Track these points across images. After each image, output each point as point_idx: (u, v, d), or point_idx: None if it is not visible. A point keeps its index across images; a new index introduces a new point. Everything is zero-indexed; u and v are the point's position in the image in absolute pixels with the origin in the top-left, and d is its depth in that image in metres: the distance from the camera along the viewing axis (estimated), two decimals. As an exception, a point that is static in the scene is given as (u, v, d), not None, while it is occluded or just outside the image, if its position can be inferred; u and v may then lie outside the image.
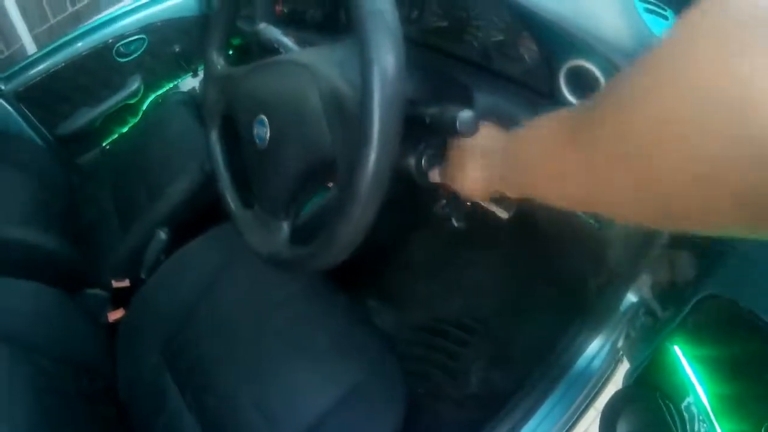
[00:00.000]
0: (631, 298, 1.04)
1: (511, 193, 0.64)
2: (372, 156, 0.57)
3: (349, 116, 0.65)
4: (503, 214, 0.86)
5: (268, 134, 0.77)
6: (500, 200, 0.83)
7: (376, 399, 1.00)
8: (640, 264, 0.94)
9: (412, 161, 0.77)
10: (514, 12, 0.82)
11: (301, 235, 0.81)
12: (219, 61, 0.94)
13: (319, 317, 1.11)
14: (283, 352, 1.05)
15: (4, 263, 1.19)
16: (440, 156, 0.77)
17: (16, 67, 1.81)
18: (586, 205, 0.48)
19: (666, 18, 0.77)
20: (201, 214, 1.54)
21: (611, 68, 0.72)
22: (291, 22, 1.04)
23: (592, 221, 0.84)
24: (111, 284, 1.45)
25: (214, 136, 0.96)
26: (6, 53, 2.31)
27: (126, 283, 1.46)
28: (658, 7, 0.78)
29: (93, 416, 1.05)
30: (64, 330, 1.16)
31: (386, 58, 0.57)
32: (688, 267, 0.89)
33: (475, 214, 0.90)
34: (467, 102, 0.86)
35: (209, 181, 1.50)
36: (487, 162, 0.67)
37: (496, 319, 1.44)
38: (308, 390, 0.99)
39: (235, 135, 0.91)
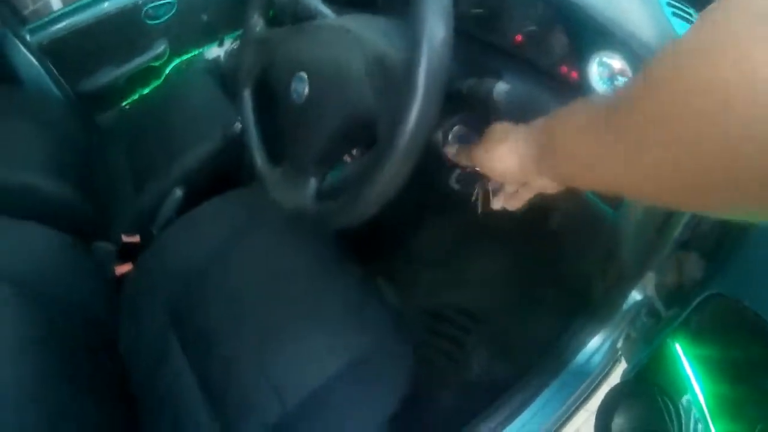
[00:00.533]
0: (636, 296, 1.05)
1: (545, 177, 0.65)
2: (414, 113, 0.63)
3: (395, 78, 0.68)
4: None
5: (307, 90, 0.82)
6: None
7: (381, 370, 1.01)
8: (648, 264, 0.95)
9: (439, 135, 0.82)
10: (549, 2, 0.86)
11: (325, 195, 0.85)
12: (258, 23, 0.99)
13: (331, 287, 1.12)
14: (292, 319, 1.06)
15: (16, 208, 1.20)
16: (467, 135, 0.81)
17: (43, 20, 1.84)
18: (618, 187, 0.50)
19: (691, 22, 0.81)
20: (218, 178, 1.58)
21: (639, 63, 0.74)
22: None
23: (606, 209, 0.86)
24: (120, 239, 1.47)
25: (247, 94, 1.00)
26: (31, 8, 2.32)
27: (136, 238, 1.49)
28: (684, 10, 0.82)
29: (96, 367, 1.06)
30: (73, 278, 1.17)
31: (437, 24, 0.62)
32: (695, 268, 0.91)
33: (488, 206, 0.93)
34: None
35: (230, 146, 1.55)
36: (522, 143, 0.67)
37: (500, 311, 1.46)
38: (314, 357, 1.01)
39: (266, 96, 0.96)
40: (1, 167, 1.38)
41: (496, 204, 0.82)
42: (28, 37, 1.77)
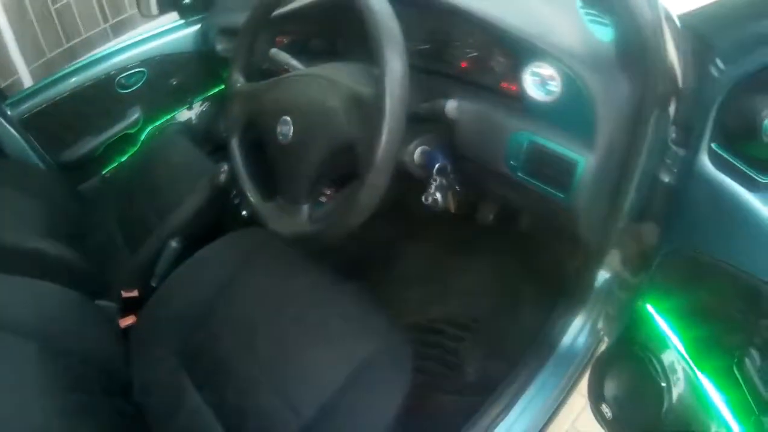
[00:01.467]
0: (605, 274, 1.17)
1: None
2: (386, 132, 0.83)
3: (367, 109, 0.88)
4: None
5: (291, 131, 1.00)
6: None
7: (384, 373, 1.07)
8: (609, 240, 1.07)
9: (407, 157, 1.00)
10: (486, 30, 1.02)
11: (317, 220, 1.01)
12: (239, 79, 1.17)
13: (332, 302, 1.18)
14: (299, 336, 1.12)
15: (19, 270, 1.23)
16: (430, 153, 1.01)
17: (22, 94, 1.94)
18: None
19: (606, 24, 0.98)
20: (209, 227, 1.67)
21: (564, 66, 0.92)
22: (291, 51, 1.24)
23: (557, 193, 0.98)
24: (120, 295, 1.54)
25: (235, 142, 1.17)
26: (3, 84, 2.40)
27: (135, 293, 1.56)
28: (600, 17, 1.00)
29: (115, 412, 1.10)
30: (86, 330, 1.22)
31: (395, 60, 0.85)
32: (652, 235, 1.03)
33: (461, 223, 1.09)
34: None
35: (217, 195, 1.65)
36: None
37: (487, 315, 1.57)
38: (321, 369, 1.06)
39: (252, 142, 1.13)
40: (3, 232, 1.44)
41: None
42: (8, 111, 1.86)
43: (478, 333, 1.56)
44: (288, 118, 1.00)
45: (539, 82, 0.95)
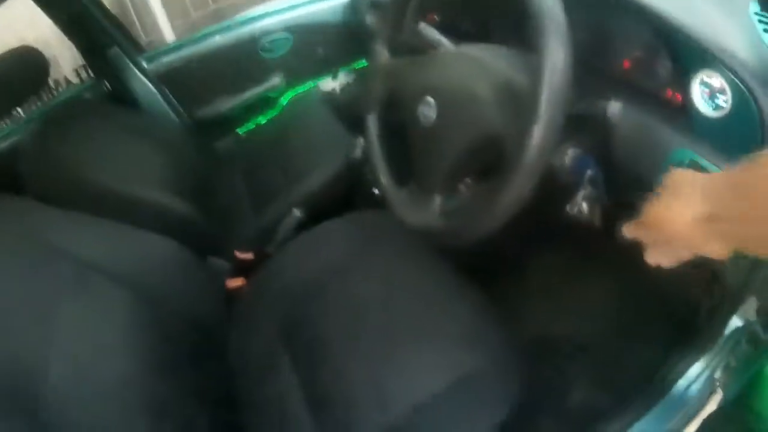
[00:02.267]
0: (737, 322, 1.07)
1: (718, 244, 0.59)
2: (540, 132, 0.74)
3: (521, 101, 0.79)
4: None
5: (434, 114, 0.93)
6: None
7: (486, 393, 1.04)
8: (751, 285, 0.98)
9: (557, 159, 0.92)
10: (656, 26, 0.94)
11: (449, 214, 0.95)
12: (383, 53, 1.11)
13: (447, 305, 1.14)
14: (407, 333, 1.09)
15: (139, 221, 1.28)
16: (582, 158, 0.92)
17: (161, 50, 2.00)
18: None
19: None
20: (336, 202, 1.67)
21: (735, 79, 0.82)
22: (443, 31, 1.18)
23: None
24: (234, 255, 1.58)
25: (373, 118, 1.12)
26: (146, 40, 2.50)
27: (250, 255, 1.59)
28: None
29: (203, 373, 1.12)
30: (187, 287, 1.25)
31: (558, 51, 0.75)
32: None
33: (595, 238, 1.00)
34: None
35: (350, 171, 1.65)
36: (706, 196, 0.59)
37: (604, 341, 1.48)
38: (421, 371, 1.03)
39: (392, 121, 1.08)
40: (127, 183, 1.49)
41: (651, 259, 0.73)
42: (145, 64, 1.92)
43: (591, 356, 1.47)
44: (431, 99, 0.94)
45: (708, 94, 0.86)
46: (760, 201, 0.50)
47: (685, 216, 0.60)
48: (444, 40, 1.11)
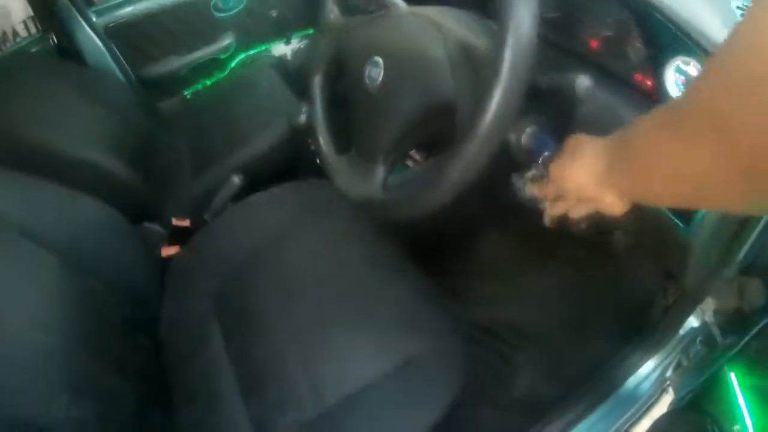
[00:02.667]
0: (693, 322, 1.05)
1: (616, 196, 0.67)
2: (497, 100, 0.66)
3: (478, 66, 0.72)
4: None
5: (381, 75, 0.85)
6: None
7: (427, 378, 0.99)
8: (709, 286, 0.95)
9: (513, 135, 0.83)
10: (629, 5, 0.88)
11: (393, 187, 0.88)
12: (334, 10, 1.03)
13: (385, 285, 1.09)
14: (341, 315, 1.04)
15: (74, 182, 1.22)
16: (540, 137, 0.84)
17: (111, 3, 1.92)
18: (693, 199, 0.54)
19: None
20: (278, 169, 1.62)
21: None
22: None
23: (678, 222, 0.86)
24: (171, 221, 1.52)
25: (317, 80, 1.04)
26: None
27: (186, 222, 1.53)
28: None
29: (131, 344, 1.07)
30: (119, 254, 1.19)
31: (524, 13, 0.65)
32: (757, 294, 0.91)
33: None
34: None
35: (293, 138, 1.59)
36: (596, 158, 0.68)
37: (553, 330, 1.45)
38: (359, 357, 0.99)
39: (336, 86, 1.00)
40: (63, 141, 1.43)
41: (551, 211, 0.83)
42: (94, 18, 1.85)
43: (538, 345, 1.44)
44: (379, 60, 0.86)
45: (683, 82, 0.81)
46: (643, 154, 0.56)
47: (582, 172, 0.69)
48: (399, 2, 1.02)
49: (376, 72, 0.86)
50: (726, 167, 0.42)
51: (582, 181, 0.70)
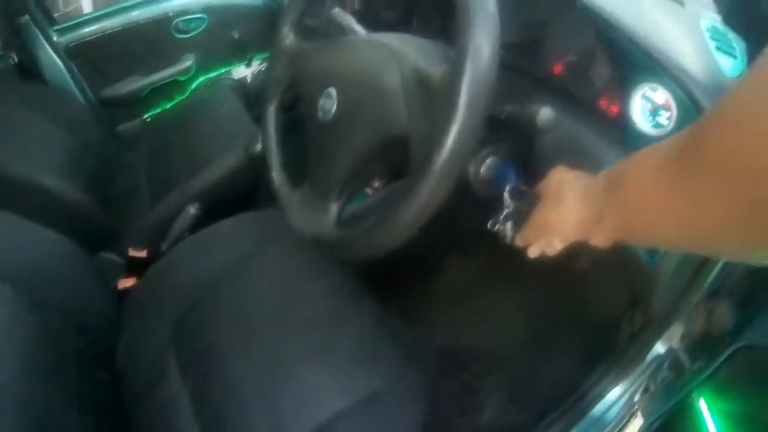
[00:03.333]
0: (660, 347, 1.03)
1: (601, 236, 0.64)
2: (454, 133, 0.62)
3: (433, 96, 0.68)
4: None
5: (335, 107, 0.81)
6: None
7: (390, 413, 0.97)
8: (676, 311, 0.93)
9: (471, 167, 0.81)
10: (598, 30, 0.86)
11: (346, 223, 0.84)
12: (289, 36, 0.99)
13: (345, 319, 1.08)
14: (301, 350, 1.02)
15: (29, 208, 1.20)
16: (500, 168, 0.81)
17: (72, 22, 1.91)
18: (689, 241, 0.51)
19: (735, 57, 0.82)
20: (235, 198, 1.60)
21: (684, 96, 0.75)
22: (362, 19, 1.08)
23: (644, 255, 0.85)
24: (127, 252, 1.48)
25: (272, 109, 1.01)
26: (63, 11, 2.46)
27: (143, 253, 1.49)
28: (727, 44, 0.83)
29: (86, 378, 1.03)
30: (74, 286, 1.16)
31: (483, 40, 0.62)
32: (725, 319, 0.90)
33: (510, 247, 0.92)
34: None
35: (251, 165, 1.56)
36: (586, 198, 0.65)
37: (519, 354, 1.43)
38: (320, 393, 0.97)
39: (292, 114, 0.97)
40: (19, 164, 1.40)
41: (534, 252, 0.79)
42: (55, 38, 1.84)
43: (504, 370, 1.42)
44: (333, 91, 0.82)
45: (650, 109, 0.79)
46: (641, 199, 0.53)
47: (568, 217, 0.67)
48: (358, 27, 1.00)
49: (329, 104, 0.82)
50: (741, 209, 0.39)
51: (568, 226, 0.68)
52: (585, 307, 1.33)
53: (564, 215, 0.67)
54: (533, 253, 0.78)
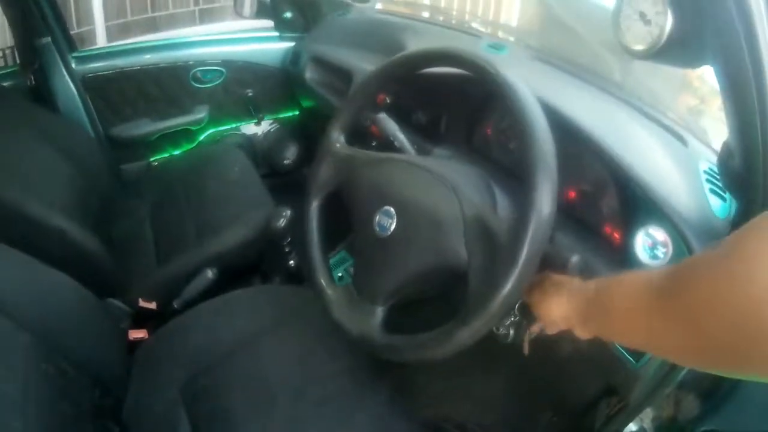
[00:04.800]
0: (632, 427, 1.09)
1: (584, 332, 0.77)
2: (512, 282, 0.73)
3: (494, 243, 0.79)
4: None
5: (393, 226, 0.89)
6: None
7: None
8: (651, 399, 1.01)
9: None
10: (611, 167, 0.97)
11: (392, 326, 0.92)
12: (339, 140, 1.06)
13: (360, 397, 1.12)
14: (318, 422, 1.06)
15: (40, 250, 1.17)
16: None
17: (92, 52, 1.93)
18: (655, 351, 0.68)
19: (725, 200, 0.93)
20: (249, 265, 1.63)
21: (679, 237, 0.87)
22: (394, 116, 1.18)
23: (630, 359, 0.94)
24: (137, 302, 1.50)
25: (315, 206, 1.06)
26: (75, 30, 2.42)
27: (153, 305, 1.51)
28: (720, 188, 0.94)
29: (98, 429, 1.05)
30: (88, 334, 1.17)
31: (546, 199, 0.75)
32: (692, 407, 0.98)
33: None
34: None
35: (267, 237, 1.59)
36: (575, 301, 0.77)
37: (500, 429, 1.50)
38: None
39: (332, 211, 1.04)
40: (32, 202, 1.38)
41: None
42: (73, 65, 1.84)
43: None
44: (392, 210, 0.90)
45: (650, 244, 0.90)
46: (620, 316, 0.66)
47: (555, 311, 0.81)
48: (402, 138, 1.11)
49: (387, 221, 0.90)
50: (695, 343, 0.52)
51: (554, 317, 0.82)
52: (565, 391, 1.40)
53: (554, 308, 0.81)
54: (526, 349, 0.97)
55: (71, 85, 1.83)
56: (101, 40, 2.79)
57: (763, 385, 0.85)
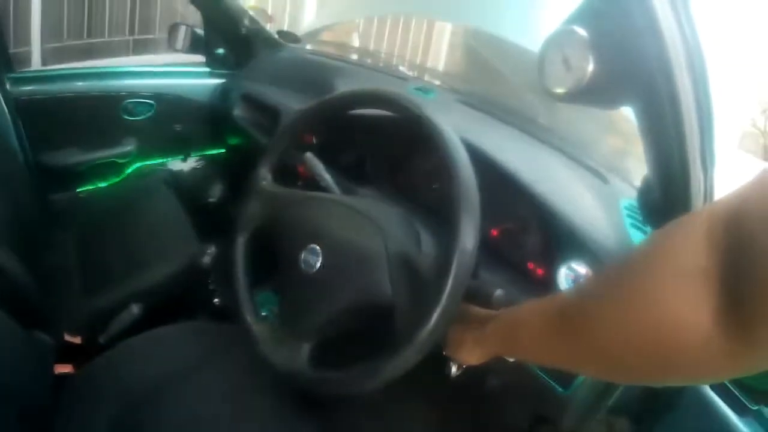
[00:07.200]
0: None
1: (504, 354, 0.83)
2: (437, 316, 0.77)
3: (419, 278, 0.83)
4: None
5: (319, 263, 0.92)
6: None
7: None
8: (583, 426, 1.05)
9: None
10: (534, 207, 1.02)
11: (319, 361, 0.94)
12: (267, 177, 1.10)
13: None
14: None
15: None
16: None
17: (29, 74, 1.88)
18: (563, 367, 0.74)
19: (645, 233, 0.99)
20: (176, 301, 1.62)
21: (600, 269, 0.92)
22: (319, 155, 1.22)
23: (556, 386, 0.97)
24: (63, 335, 1.47)
25: (242, 241, 1.09)
26: (12, 50, 2.36)
27: (78, 340, 1.49)
28: (641, 222, 1.00)
29: None
30: (13, 366, 1.12)
31: (468, 238, 0.80)
32: (624, 430, 1.04)
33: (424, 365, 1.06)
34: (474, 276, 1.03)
35: (193, 274, 1.61)
36: (485, 340, 0.83)
37: None
38: None
39: (258, 248, 1.07)
40: None
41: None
42: (8, 86, 1.78)
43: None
44: (317, 248, 0.93)
45: (572, 278, 0.96)
46: (529, 341, 0.72)
47: (474, 350, 0.86)
48: (328, 178, 1.15)
49: (313, 259, 0.93)
50: (589, 356, 0.60)
51: (472, 356, 0.87)
52: (497, 424, 1.43)
53: (468, 346, 0.87)
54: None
55: (4, 107, 1.75)
56: (36, 62, 2.74)
57: (694, 407, 0.93)
